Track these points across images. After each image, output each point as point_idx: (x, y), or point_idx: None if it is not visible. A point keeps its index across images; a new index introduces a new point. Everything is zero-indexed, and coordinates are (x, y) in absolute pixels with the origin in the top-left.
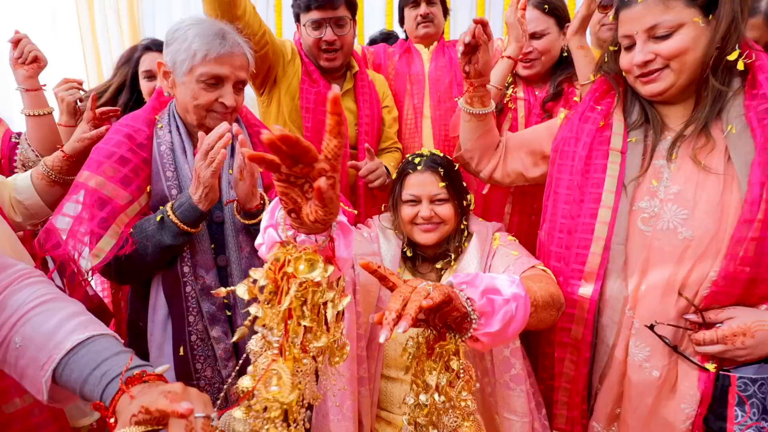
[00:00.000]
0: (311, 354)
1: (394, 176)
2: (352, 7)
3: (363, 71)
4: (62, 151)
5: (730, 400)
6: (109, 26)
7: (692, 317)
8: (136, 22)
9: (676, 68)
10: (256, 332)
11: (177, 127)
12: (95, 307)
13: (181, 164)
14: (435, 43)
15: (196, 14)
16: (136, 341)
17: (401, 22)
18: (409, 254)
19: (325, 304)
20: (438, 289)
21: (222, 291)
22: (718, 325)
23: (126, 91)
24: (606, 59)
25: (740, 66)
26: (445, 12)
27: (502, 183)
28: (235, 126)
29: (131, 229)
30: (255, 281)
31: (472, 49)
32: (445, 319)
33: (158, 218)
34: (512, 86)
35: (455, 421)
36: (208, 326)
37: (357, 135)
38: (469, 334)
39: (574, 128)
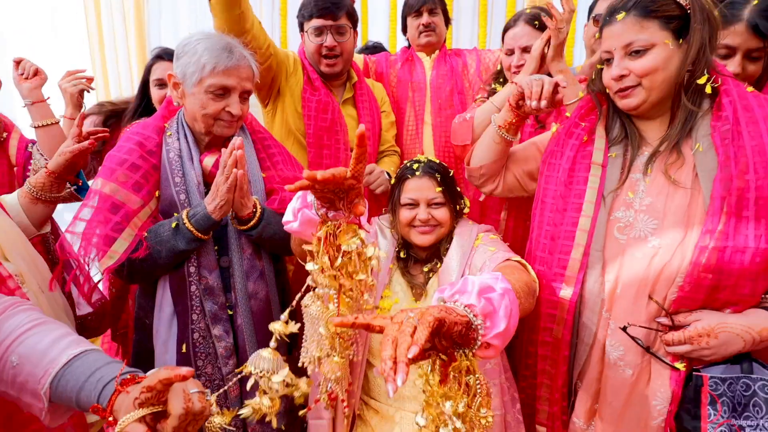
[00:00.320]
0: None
1: (393, 180)
2: (352, 17)
3: (362, 81)
4: (45, 167)
5: (703, 400)
6: (116, 29)
7: (663, 320)
8: (143, 25)
9: (647, 86)
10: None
11: (185, 135)
12: (100, 307)
13: (188, 170)
14: (437, 52)
15: (205, 29)
16: (143, 338)
17: (404, 30)
18: (402, 255)
19: (369, 258)
20: (423, 319)
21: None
22: (686, 327)
23: (137, 97)
24: (593, 77)
25: (708, 89)
26: (447, 21)
27: (503, 196)
28: (238, 140)
29: (145, 234)
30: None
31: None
32: (450, 337)
33: (173, 225)
34: None
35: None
36: (210, 324)
37: (358, 140)
38: (479, 343)
39: (560, 142)
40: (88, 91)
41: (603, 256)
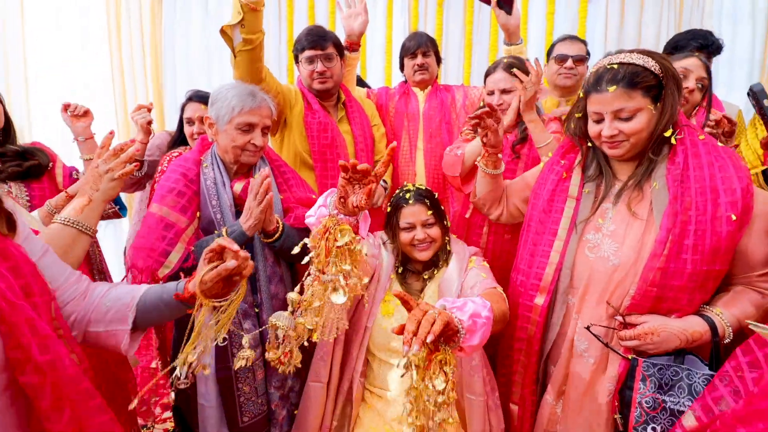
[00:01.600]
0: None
1: (389, 186)
2: (339, 47)
3: (351, 99)
4: (66, 191)
5: (636, 377)
6: (135, 60)
7: (620, 319)
8: (158, 58)
9: (633, 141)
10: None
11: (217, 165)
12: None
13: (222, 194)
14: (429, 87)
15: (231, 80)
16: (183, 332)
17: (401, 68)
18: (400, 271)
19: (359, 251)
20: (441, 316)
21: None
22: (636, 326)
23: (176, 130)
24: (572, 125)
25: (673, 141)
26: (438, 61)
27: (509, 222)
28: (266, 170)
29: (192, 247)
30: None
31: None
32: (442, 334)
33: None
34: None
35: (447, 413)
36: (241, 320)
37: (354, 152)
38: (456, 346)
39: (545, 177)
40: (150, 123)
41: (571, 273)
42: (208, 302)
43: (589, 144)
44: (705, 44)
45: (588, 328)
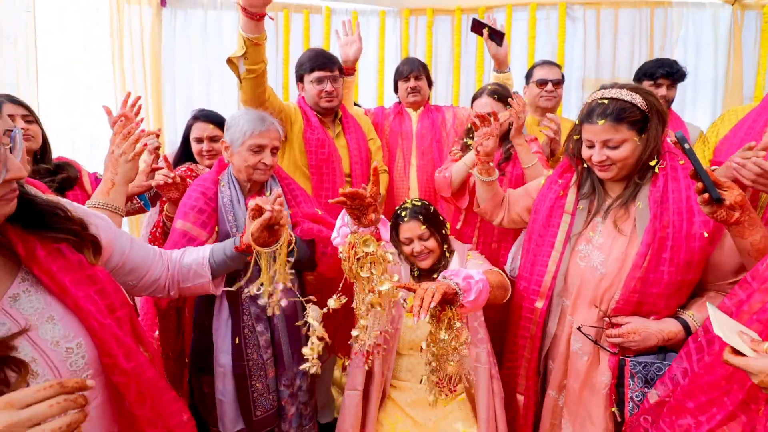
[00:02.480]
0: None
1: (383, 194)
2: (341, 69)
3: (347, 115)
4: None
5: (626, 374)
6: (136, 77)
7: (607, 320)
8: (159, 76)
9: (620, 166)
10: None
11: (233, 184)
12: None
13: (237, 211)
14: (421, 108)
15: (244, 109)
16: (201, 335)
17: (395, 90)
18: (415, 273)
19: (385, 255)
20: (438, 286)
21: None
22: (620, 326)
23: (180, 148)
24: (572, 146)
25: (656, 170)
26: (429, 84)
27: (510, 227)
28: (278, 190)
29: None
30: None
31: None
32: (444, 298)
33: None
34: None
35: (455, 358)
36: (254, 323)
37: (350, 165)
38: (459, 303)
39: (544, 194)
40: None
41: (565, 279)
42: (260, 249)
43: (585, 165)
44: (670, 72)
45: (579, 328)
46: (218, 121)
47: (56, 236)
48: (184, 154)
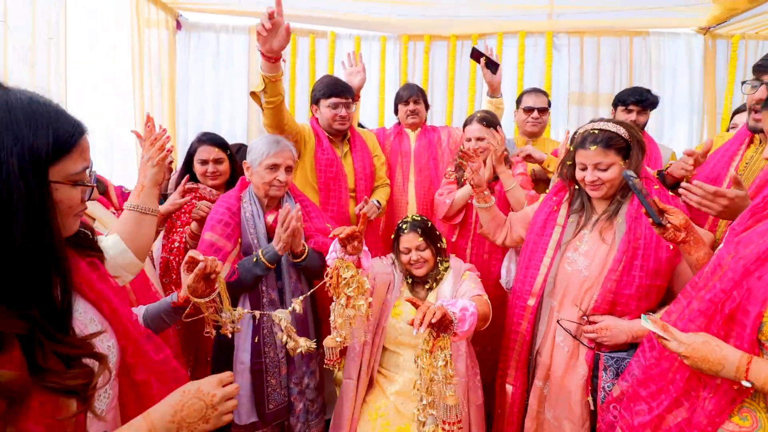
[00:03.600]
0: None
1: (384, 204)
2: (354, 95)
3: (355, 135)
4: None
5: (600, 367)
6: (153, 97)
7: (585, 318)
8: (174, 97)
9: (608, 186)
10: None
11: (254, 201)
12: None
13: (258, 224)
14: (419, 129)
15: (264, 134)
16: (222, 350)
17: (396, 112)
18: (409, 281)
19: (362, 281)
20: (440, 307)
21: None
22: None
23: (182, 169)
24: (564, 170)
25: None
26: (426, 106)
27: (511, 245)
28: (297, 207)
29: (236, 266)
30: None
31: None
32: (440, 325)
33: (253, 260)
34: None
35: (450, 390)
36: (272, 324)
37: (355, 181)
38: (452, 332)
39: (540, 210)
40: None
41: (554, 282)
42: (199, 301)
43: (576, 186)
44: (640, 99)
45: (558, 321)
46: (222, 144)
47: (90, 252)
48: (186, 174)
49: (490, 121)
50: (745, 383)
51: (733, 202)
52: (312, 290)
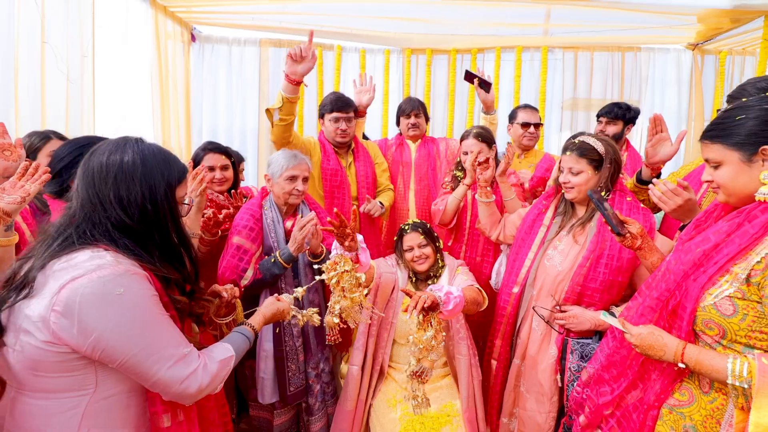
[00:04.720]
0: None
1: (387, 206)
2: (356, 110)
3: (359, 146)
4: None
5: (567, 350)
6: (170, 99)
7: (558, 308)
8: (189, 97)
9: (577, 190)
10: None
11: (274, 208)
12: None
13: (278, 229)
14: (420, 140)
15: (282, 150)
16: (244, 379)
17: (398, 124)
18: (413, 279)
19: (358, 278)
20: (428, 296)
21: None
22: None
23: None
24: (555, 178)
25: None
26: (427, 119)
27: (504, 242)
28: (312, 214)
29: (258, 266)
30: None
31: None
32: (430, 306)
33: (272, 260)
34: None
35: (435, 357)
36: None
37: (357, 189)
38: (439, 311)
39: (531, 212)
40: None
41: (535, 275)
42: (220, 321)
43: (563, 192)
44: (608, 111)
45: (534, 308)
46: (226, 152)
47: None
48: None
49: (486, 136)
50: (680, 365)
51: (687, 203)
52: (316, 280)
